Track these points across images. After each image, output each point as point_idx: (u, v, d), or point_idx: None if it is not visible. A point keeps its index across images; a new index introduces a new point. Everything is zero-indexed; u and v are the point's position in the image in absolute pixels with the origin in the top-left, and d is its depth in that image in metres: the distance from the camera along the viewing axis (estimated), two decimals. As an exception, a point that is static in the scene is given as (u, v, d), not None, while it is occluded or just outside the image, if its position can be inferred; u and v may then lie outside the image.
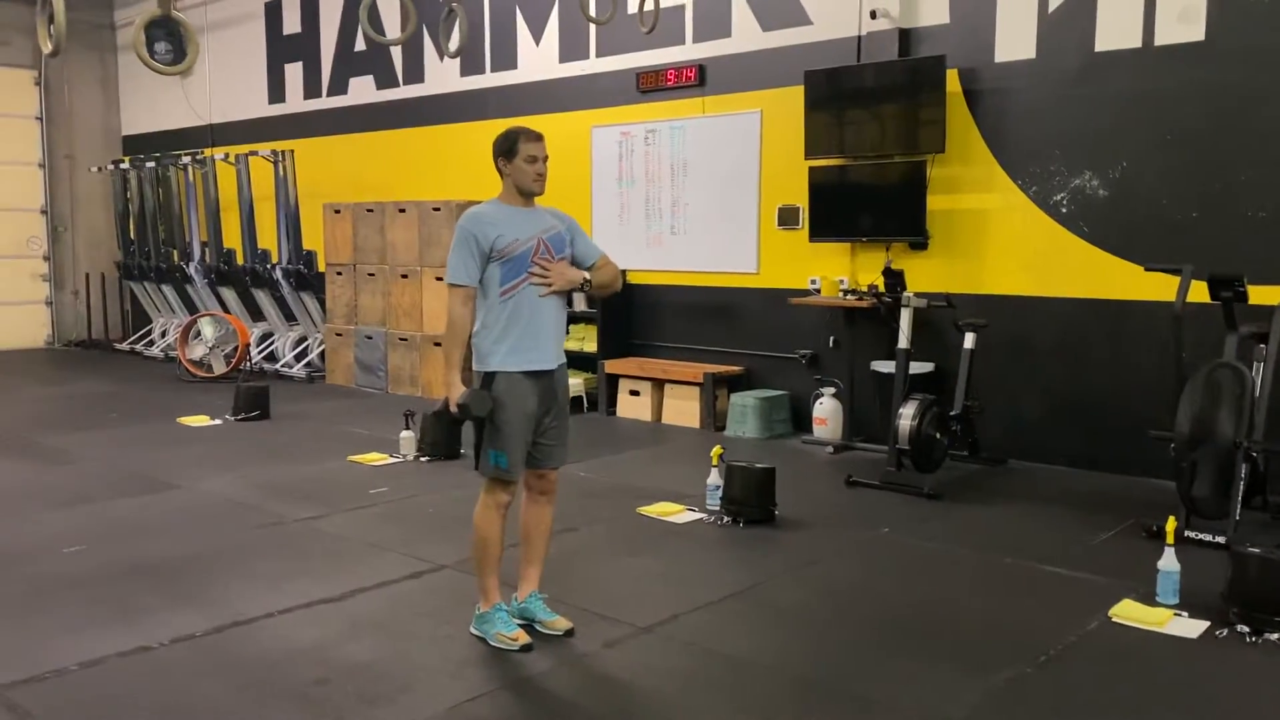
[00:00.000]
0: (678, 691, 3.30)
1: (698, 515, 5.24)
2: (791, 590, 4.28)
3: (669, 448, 7.16)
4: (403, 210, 9.30)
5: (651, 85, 8.21)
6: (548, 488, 3.83)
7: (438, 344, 9.01)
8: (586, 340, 8.52)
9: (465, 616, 3.79)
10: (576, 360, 8.54)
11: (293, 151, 10.60)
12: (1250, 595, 3.73)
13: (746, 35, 7.67)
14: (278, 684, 3.33)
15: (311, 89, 11.09)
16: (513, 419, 3.57)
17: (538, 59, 9.01)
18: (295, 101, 11.29)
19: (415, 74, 10.04)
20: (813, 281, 7.41)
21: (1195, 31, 5.76)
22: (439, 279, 8.98)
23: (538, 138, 3.63)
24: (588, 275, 3.66)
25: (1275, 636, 3.62)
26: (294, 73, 11.27)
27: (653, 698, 3.26)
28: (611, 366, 8.23)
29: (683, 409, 7.83)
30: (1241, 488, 4.66)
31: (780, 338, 7.62)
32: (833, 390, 7.17)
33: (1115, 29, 6.02)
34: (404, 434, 6.65)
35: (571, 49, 8.76)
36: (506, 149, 3.62)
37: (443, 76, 9.75)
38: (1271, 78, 5.53)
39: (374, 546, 4.80)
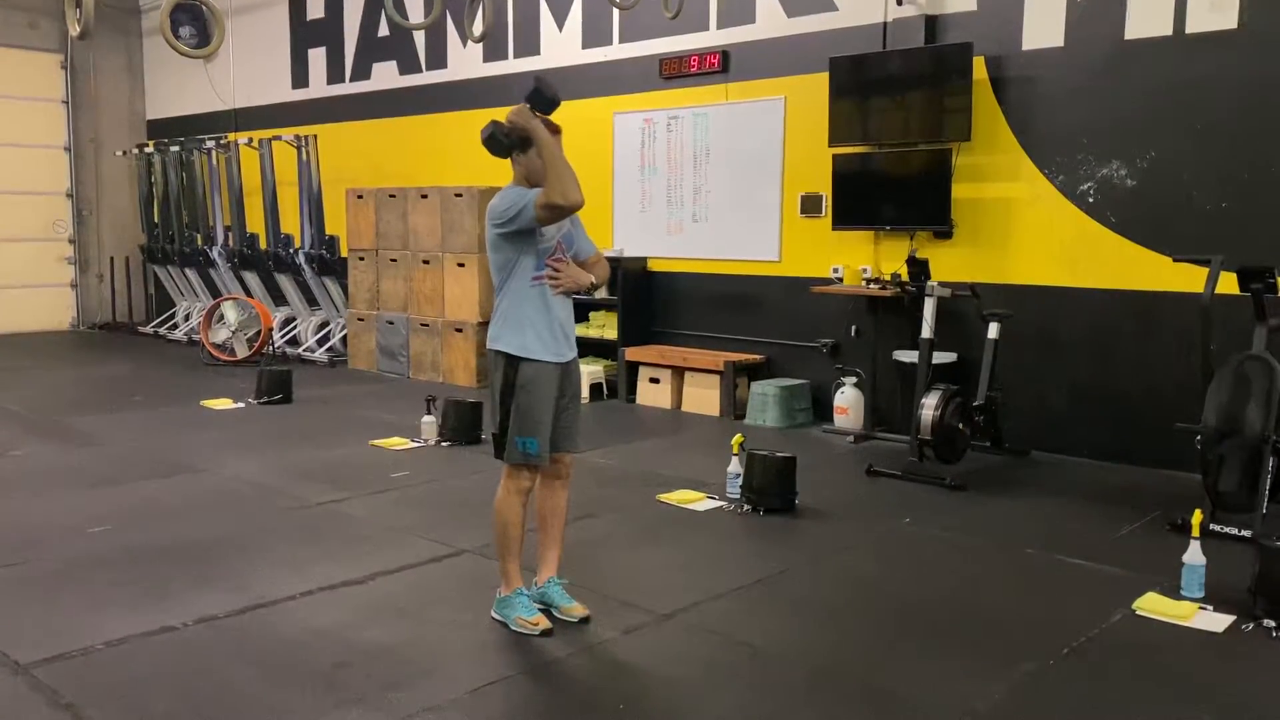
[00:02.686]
0: (697, 679, 3.30)
1: (718, 503, 5.23)
2: (812, 580, 4.27)
3: (689, 436, 7.15)
4: (425, 196, 9.31)
5: (674, 72, 8.17)
6: (563, 472, 3.83)
7: (459, 329, 9.03)
8: (607, 328, 8.51)
9: (485, 601, 3.80)
10: (597, 347, 8.56)
11: (315, 136, 10.62)
12: (1276, 589, 3.69)
13: (771, 21, 7.62)
14: (299, 666, 3.35)
15: (335, 74, 11.11)
16: (541, 405, 3.59)
17: (561, 45, 8.99)
18: (319, 86, 11.31)
19: (439, 60, 10.04)
20: (835, 270, 7.37)
21: (1228, 19, 5.67)
22: (460, 265, 9.00)
23: (555, 130, 3.56)
24: (594, 279, 3.70)
25: (1271, 625, 3.59)
26: (317, 58, 11.29)
27: (672, 685, 3.26)
28: (632, 354, 8.23)
29: (703, 397, 7.81)
30: (1269, 481, 4.61)
31: (802, 327, 7.59)
32: (854, 380, 7.14)
33: (1146, 17, 5.94)
34: (425, 419, 6.67)
35: (595, 35, 8.73)
36: (521, 141, 3.55)
37: (466, 62, 9.74)
38: (1305, 66, 5.45)
39: (395, 530, 4.82)
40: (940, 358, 6.48)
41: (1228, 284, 5.02)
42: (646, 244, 8.53)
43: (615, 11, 8.27)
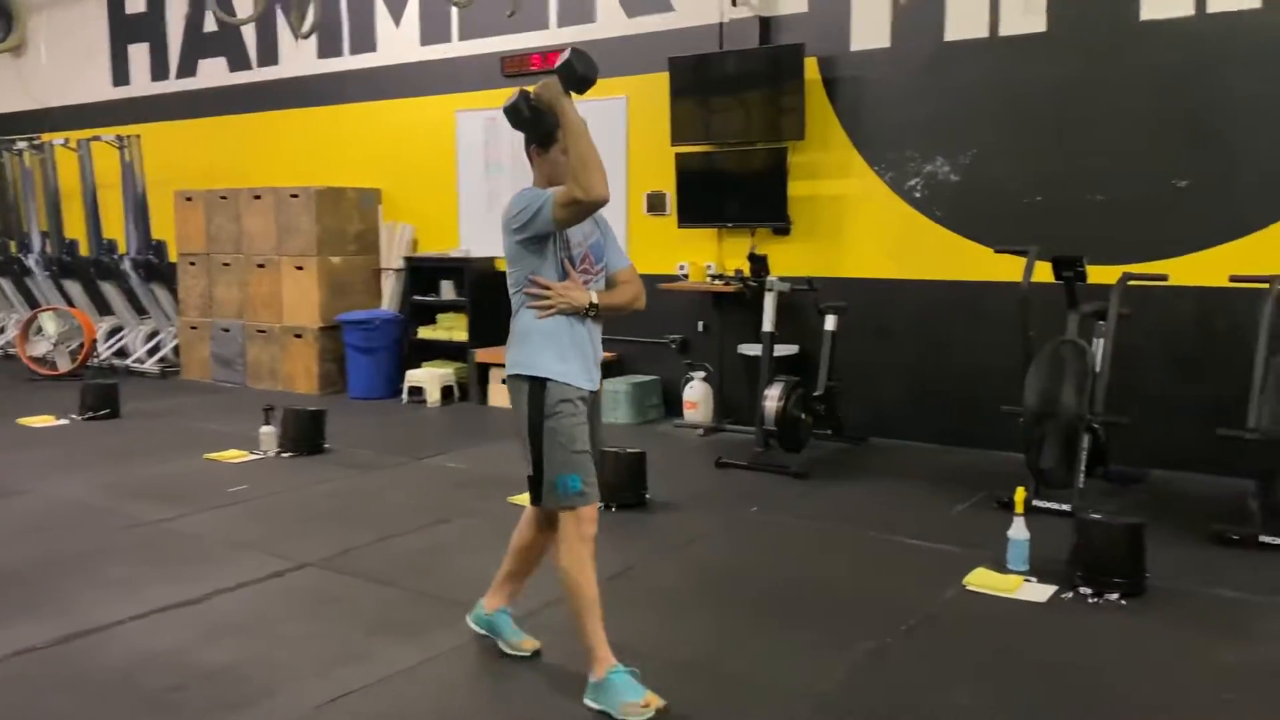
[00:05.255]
0: (552, 680, 3.29)
1: (570, 502, 5.22)
2: (663, 573, 4.32)
3: (541, 435, 7.11)
4: (258, 197, 8.97)
5: (516, 70, 8.12)
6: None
7: (299, 335, 8.74)
8: (456, 330, 8.39)
9: (331, 613, 3.69)
10: (446, 350, 8.44)
11: (139, 136, 10.08)
12: (1092, 559, 3.94)
13: (611, 20, 7.66)
14: (129, 693, 3.17)
15: (159, 71, 10.56)
16: (578, 432, 3.07)
17: (398, 41, 8.80)
18: (142, 84, 10.73)
19: (269, 56, 9.68)
20: (681, 267, 7.47)
21: (1038, 23, 6.03)
22: (299, 268, 8.71)
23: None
24: (594, 298, 3.13)
25: (1115, 597, 3.84)
26: (139, 53, 10.71)
27: (526, 688, 3.24)
28: (483, 355, 8.13)
29: (554, 396, 7.78)
30: (1084, 458, 4.93)
31: (651, 323, 7.64)
32: (702, 374, 7.26)
33: (964, 19, 6.25)
34: (264, 429, 6.43)
35: (433, 31, 8.59)
36: (542, 135, 3.10)
37: (299, 59, 9.43)
38: (1106, 67, 5.84)
39: (234, 546, 4.62)
40: (782, 350, 6.66)
41: (1043, 273, 5.34)
42: (494, 243, 8.37)
43: (454, 9, 8.16)
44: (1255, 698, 3.10)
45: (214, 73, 10.10)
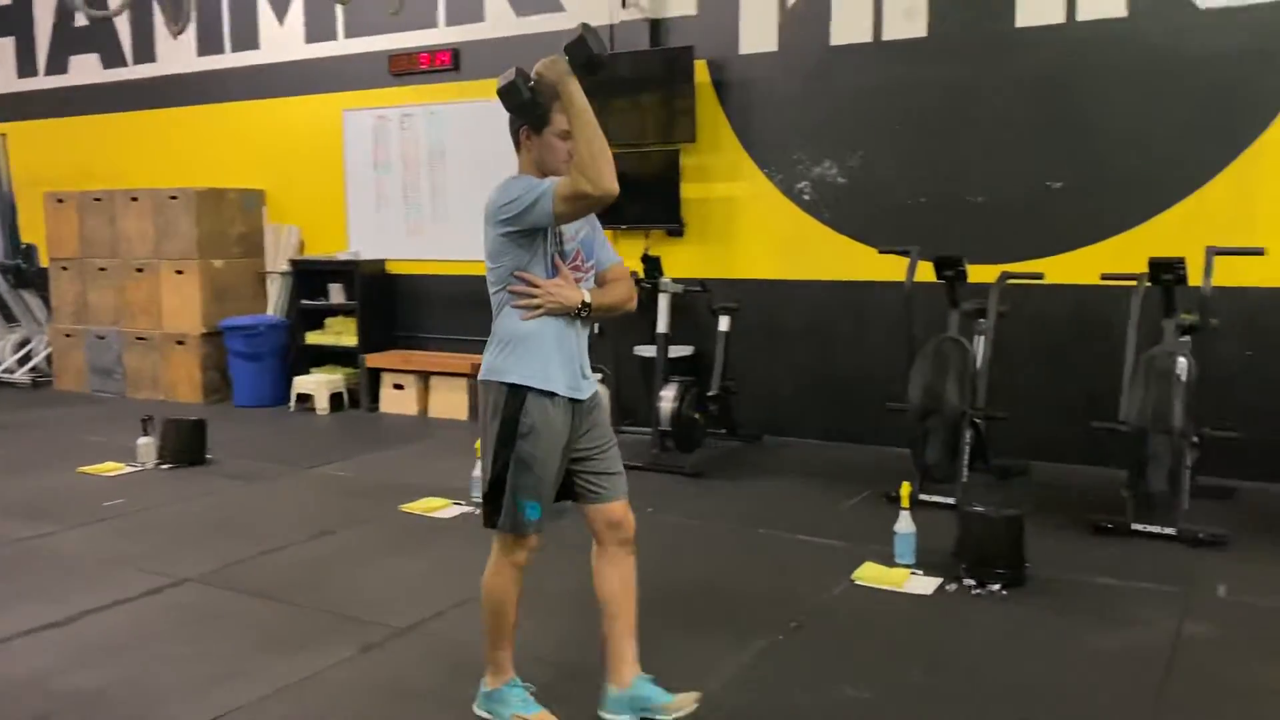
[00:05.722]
0: (439, 690, 3.22)
1: (464, 509, 5.15)
2: (558, 576, 4.26)
3: (435, 442, 7.00)
4: (135, 199, 8.61)
5: (404, 69, 7.98)
6: (627, 531, 2.98)
7: (180, 342, 8.43)
8: (345, 334, 8.19)
9: (210, 632, 3.55)
10: (335, 355, 8.24)
11: (4, 135, 9.60)
12: (975, 551, 4.05)
13: (501, 20, 7.58)
14: (-11, 725, 3.00)
15: (26, 67, 10.06)
16: (549, 457, 2.78)
17: (282, 38, 8.56)
18: (7, 80, 10.20)
19: (146, 53, 9.31)
20: (575, 268, 7.42)
21: (919, 28, 6.18)
22: (179, 272, 8.40)
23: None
24: (587, 297, 2.81)
25: (997, 587, 3.96)
26: (4, 48, 10.18)
27: (410, 699, 3.17)
28: (373, 360, 7.96)
29: (451, 401, 7.68)
30: (967, 452, 5.07)
31: (545, 325, 7.60)
32: (600, 376, 7.21)
33: (848, 24, 6.37)
34: (142, 440, 6.17)
35: (318, 29, 8.38)
36: (537, 117, 2.77)
37: (178, 56, 9.09)
38: (984, 72, 6.01)
39: (108, 563, 4.42)
40: (677, 351, 6.68)
41: (926, 273, 5.48)
42: (384, 245, 8.28)
43: (338, 6, 7.97)
44: (1127, 681, 3.22)
45: (86, 69, 9.66)
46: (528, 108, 2.74)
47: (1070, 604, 3.85)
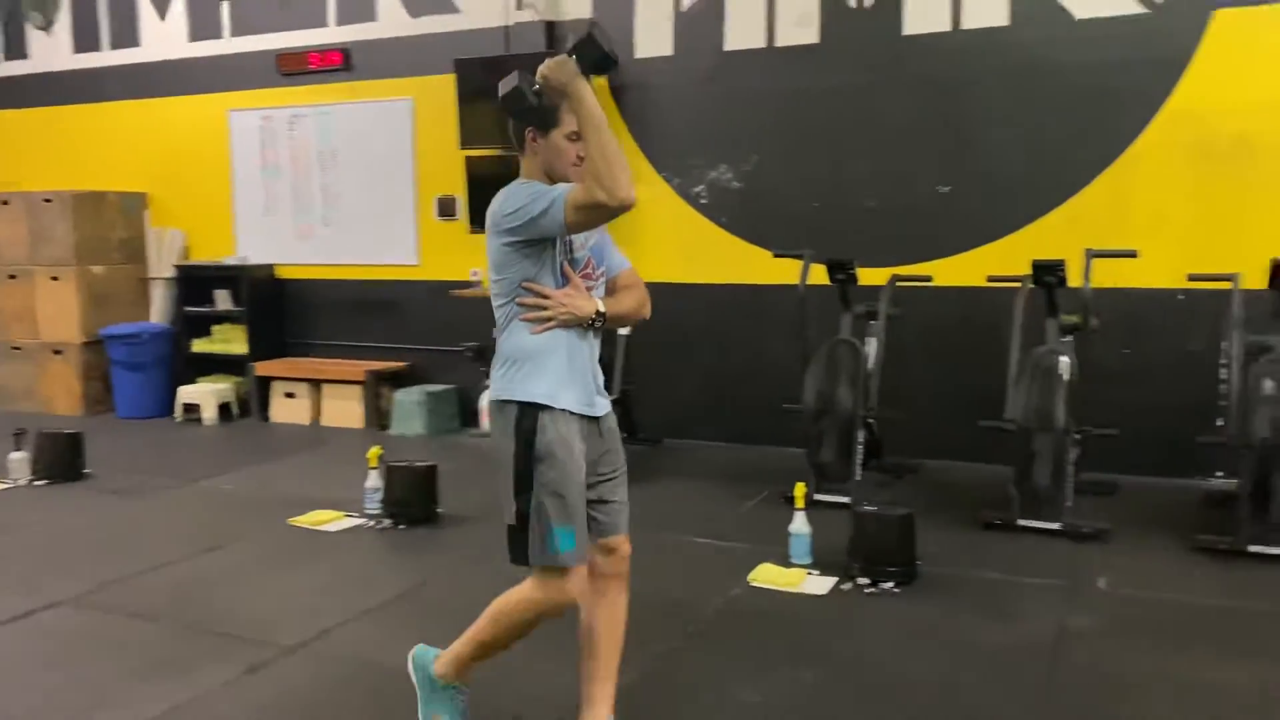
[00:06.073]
0: (327, 709, 3.12)
1: (356, 521, 5.02)
2: (455, 590, 4.19)
3: (328, 452, 6.82)
4: (6, 203, 8.19)
5: (294, 68, 7.77)
6: (621, 565, 2.81)
7: (58, 351, 8.05)
8: (234, 342, 7.93)
9: (86, 655, 3.37)
10: (223, 364, 7.97)
11: None
12: (868, 550, 4.11)
13: (393, 20, 7.44)
14: None
15: (-117, 61, 9.50)
16: (574, 477, 2.57)
17: (164, 36, 8.26)
18: None
19: (18, 49, 8.87)
20: (474, 273, 7.34)
21: (810, 34, 6.26)
22: (54, 278, 8.02)
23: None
24: (601, 307, 2.64)
25: (890, 585, 4.02)
26: None
27: (300, 721, 3.06)
28: (263, 368, 7.72)
29: (344, 410, 7.50)
30: (861, 452, 5.14)
31: (445, 331, 7.48)
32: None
33: (742, 29, 6.42)
34: (14, 455, 5.86)
35: (202, 26, 8.10)
36: (542, 117, 2.58)
37: (52, 53, 8.69)
38: (874, 79, 6.13)
39: (-28, 589, 4.18)
40: (577, 355, 6.63)
41: (820, 276, 5.55)
42: (274, 250, 8.05)
43: (224, 2, 7.73)
44: (1015, 675, 3.30)
45: (-50, 65, 9.17)
46: (533, 114, 2.57)
47: (960, 600, 3.93)
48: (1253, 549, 4.28)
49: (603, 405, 2.69)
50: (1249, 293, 4.75)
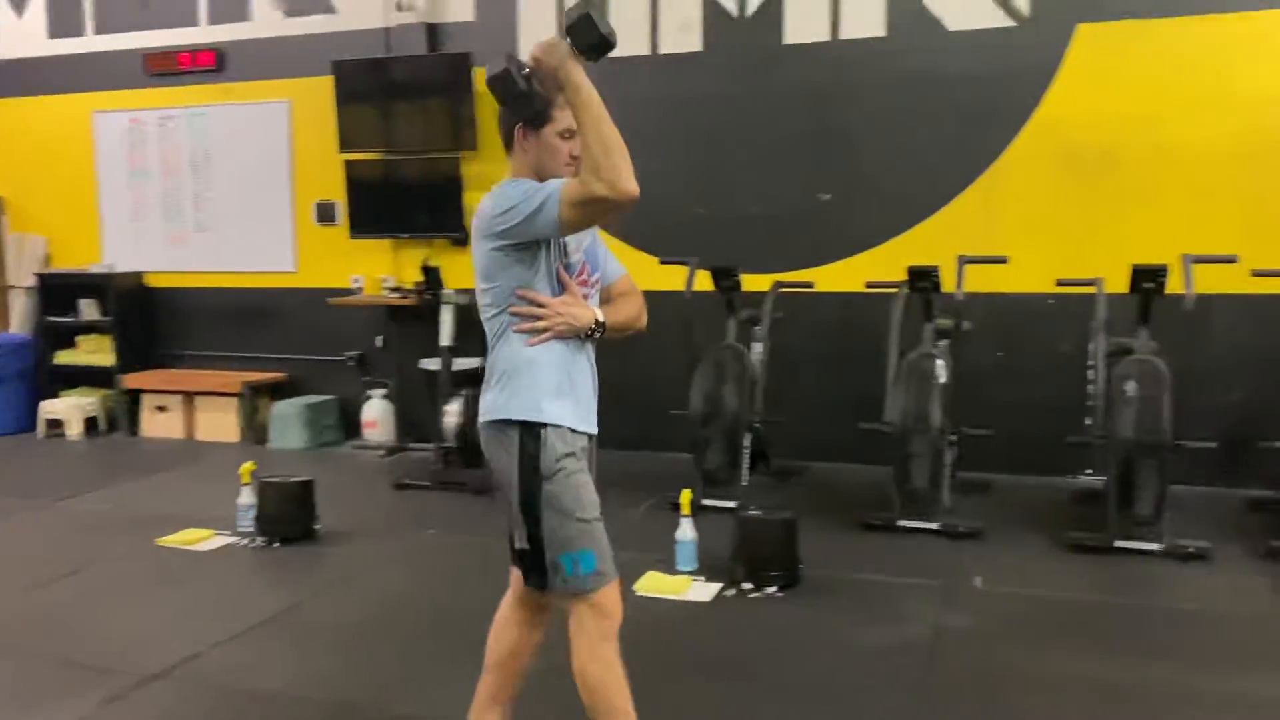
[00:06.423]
0: (192, 742, 2.98)
1: (229, 540, 4.82)
2: (332, 609, 4.06)
3: (202, 467, 6.55)
4: None
5: (163, 68, 7.46)
6: (547, 602, 2.60)
7: (-94, 366, 7.56)
8: (100, 353, 7.56)
9: (-80, 697, 3.13)
10: (90, 376, 7.59)
11: None
12: (752, 554, 4.12)
13: (268, 20, 7.21)
14: None
15: None
16: (585, 492, 2.41)
17: (22, 33, 7.83)
18: None
19: None
20: (355, 280, 7.16)
21: (694, 42, 6.29)
22: (-98, 289, 7.52)
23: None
24: (600, 316, 2.48)
25: (773, 589, 4.04)
26: None
27: (161, 755, 2.91)
28: (133, 381, 7.38)
29: (219, 423, 7.22)
30: (747, 457, 5.18)
31: (325, 340, 7.28)
32: (383, 391, 6.99)
33: (625, 36, 6.34)
34: None
35: (63, 23, 7.72)
36: (535, 112, 2.38)
37: (-104, 47, 8.17)
38: (757, 87, 6.19)
39: None
40: (467, 364, 6.52)
41: (705, 282, 5.57)
42: (144, 257, 7.71)
43: (86, -1, 7.40)
44: (895, 675, 3.35)
45: None
46: (524, 100, 2.34)
47: (841, 602, 3.98)
48: (1119, 544, 4.45)
49: (595, 425, 2.50)
50: (1112, 297, 4.94)
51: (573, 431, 2.40)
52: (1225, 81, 5.39)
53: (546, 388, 2.38)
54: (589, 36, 2.25)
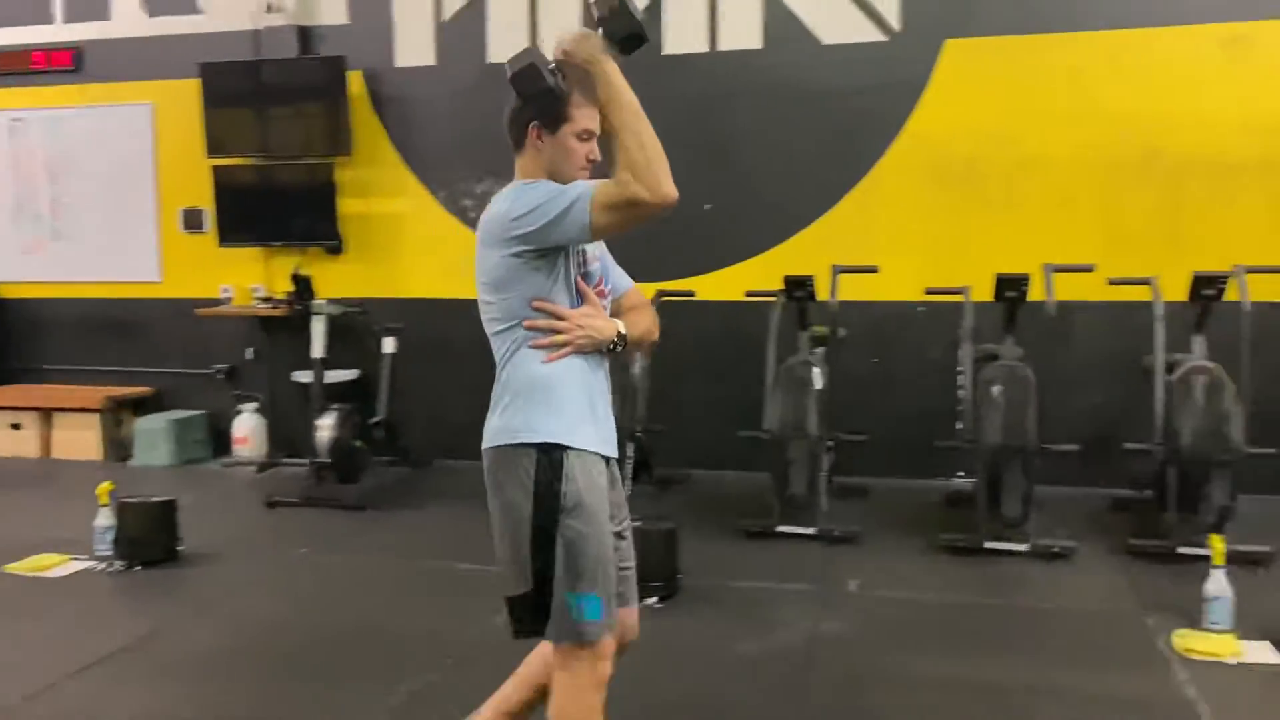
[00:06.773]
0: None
1: (85, 564, 4.57)
2: (195, 634, 3.87)
3: (57, 488, 6.21)
4: None
5: (14, 68, 7.08)
6: (623, 641, 2.40)
7: None
8: (-54, 368, 7.12)
9: None
10: (-66, 393, 7.13)
11: None
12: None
13: (130, 19, 6.90)
14: None
15: None
16: (602, 533, 2.19)
17: None
18: None
19: None
20: (225, 290, 6.90)
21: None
22: None
23: (595, 99, 2.19)
24: (622, 328, 2.29)
25: (653, 600, 4.01)
26: None
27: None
28: (-17, 396, 6.97)
29: (79, 440, 6.86)
30: (631, 466, 5.15)
31: (193, 352, 6.99)
32: (254, 405, 6.75)
33: (504, 42, 6.33)
34: None
35: (-98, 18, 7.26)
36: (552, 112, 2.20)
37: None
38: (639, 96, 6.17)
39: None
40: (340, 376, 6.36)
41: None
42: (3, 268, 7.29)
43: (-72, -9, 6.96)
44: (774, 683, 3.36)
45: None
46: (549, 97, 2.16)
47: (720, 611, 3.98)
48: (989, 545, 4.57)
49: (615, 446, 2.30)
50: (979, 305, 5.09)
51: (595, 457, 2.22)
52: (1084, 97, 5.62)
53: (566, 408, 2.19)
54: (625, 27, 2.12)
